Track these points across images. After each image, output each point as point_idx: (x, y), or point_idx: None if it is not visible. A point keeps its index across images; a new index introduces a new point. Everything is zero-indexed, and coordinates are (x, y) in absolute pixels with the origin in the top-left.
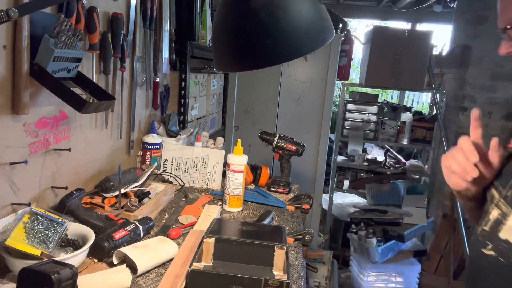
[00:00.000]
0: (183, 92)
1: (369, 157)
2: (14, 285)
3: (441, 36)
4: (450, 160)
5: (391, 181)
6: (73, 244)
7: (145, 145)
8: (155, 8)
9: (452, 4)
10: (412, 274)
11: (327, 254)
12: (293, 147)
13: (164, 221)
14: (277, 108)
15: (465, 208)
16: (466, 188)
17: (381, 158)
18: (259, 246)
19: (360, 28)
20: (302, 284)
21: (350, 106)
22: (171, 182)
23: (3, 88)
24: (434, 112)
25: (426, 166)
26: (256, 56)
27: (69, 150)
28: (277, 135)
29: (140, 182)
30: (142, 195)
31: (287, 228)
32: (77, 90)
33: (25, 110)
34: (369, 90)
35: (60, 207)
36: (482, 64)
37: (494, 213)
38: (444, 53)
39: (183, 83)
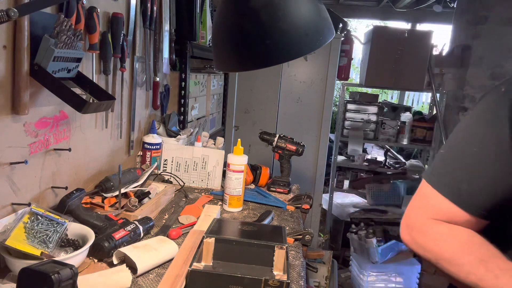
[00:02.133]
0: (183, 92)
1: (369, 157)
2: (14, 285)
3: (441, 36)
4: None
5: (391, 181)
6: (73, 244)
7: (145, 145)
8: (155, 8)
9: (452, 4)
10: (412, 274)
11: (327, 254)
12: (293, 147)
13: (164, 221)
14: (277, 108)
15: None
16: None
17: (381, 158)
18: (259, 246)
19: (360, 28)
20: (302, 284)
21: (350, 106)
22: (171, 182)
23: (3, 88)
24: (434, 112)
25: (426, 166)
26: (256, 56)
27: (69, 150)
28: (277, 135)
29: (140, 182)
30: (142, 195)
31: (287, 228)
32: (77, 90)
33: (25, 110)
34: (369, 90)
35: (60, 207)
36: (482, 64)
37: None
38: (444, 53)
39: (183, 83)
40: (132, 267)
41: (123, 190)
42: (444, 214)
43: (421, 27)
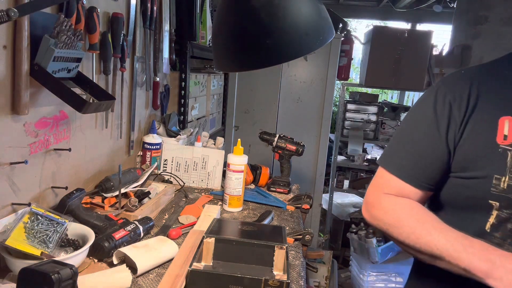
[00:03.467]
0: (183, 92)
1: (369, 157)
2: (14, 285)
3: (441, 36)
4: None
5: None
6: (73, 244)
7: (145, 145)
8: (155, 8)
9: (452, 4)
10: None
11: (327, 254)
12: (293, 147)
13: (164, 221)
14: (277, 108)
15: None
16: None
17: None
18: (259, 246)
19: (360, 28)
20: (302, 284)
21: (350, 106)
22: (171, 182)
23: (3, 88)
24: None
25: None
26: (256, 56)
27: (69, 150)
28: (277, 135)
29: (140, 182)
30: (142, 195)
31: (287, 228)
32: (77, 90)
33: (25, 110)
34: (369, 90)
35: (60, 207)
36: None
37: None
38: (444, 53)
39: (183, 83)
40: (132, 267)
41: (123, 190)
42: (393, 188)
43: (421, 27)
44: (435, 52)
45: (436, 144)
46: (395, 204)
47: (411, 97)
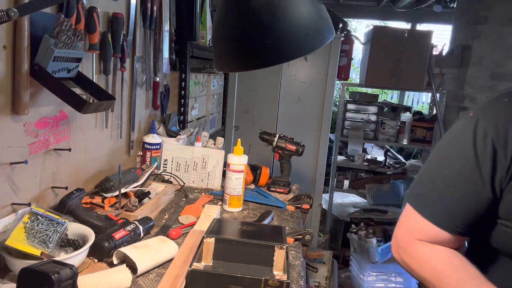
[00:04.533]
0: (183, 92)
1: (369, 157)
2: (14, 285)
3: (441, 36)
4: None
5: (391, 181)
6: (73, 244)
7: (145, 145)
8: (155, 8)
9: (452, 4)
10: None
11: (327, 254)
12: (293, 147)
13: (164, 221)
14: (277, 108)
15: None
16: None
17: (381, 158)
18: (259, 246)
19: (360, 28)
20: (302, 284)
21: (350, 106)
22: (171, 182)
23: (3, 88)
24: (434, 112)
25: None
26: (256, 56)
27: (69, 150)
28: (277, 135)
29: (140, 182)
30: (142, 195)
31: (287, 228)
32: (77, 90)
33: (25, 110)
34: (369, 90)
35: (60, 207)
36: (482, 64)
37: None
38: (444, 53)
39: (183, 83)
40: (132, 267)
41: (123, 190)
42: (427, 234)
43: (421, 27)
44: (435, 52)
45: (478, 189)
46: (430, 255)
47: (411, 97)
